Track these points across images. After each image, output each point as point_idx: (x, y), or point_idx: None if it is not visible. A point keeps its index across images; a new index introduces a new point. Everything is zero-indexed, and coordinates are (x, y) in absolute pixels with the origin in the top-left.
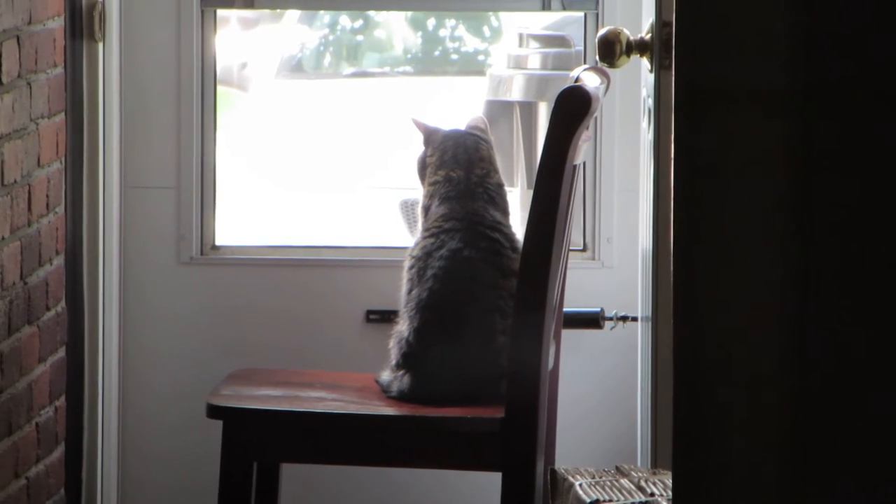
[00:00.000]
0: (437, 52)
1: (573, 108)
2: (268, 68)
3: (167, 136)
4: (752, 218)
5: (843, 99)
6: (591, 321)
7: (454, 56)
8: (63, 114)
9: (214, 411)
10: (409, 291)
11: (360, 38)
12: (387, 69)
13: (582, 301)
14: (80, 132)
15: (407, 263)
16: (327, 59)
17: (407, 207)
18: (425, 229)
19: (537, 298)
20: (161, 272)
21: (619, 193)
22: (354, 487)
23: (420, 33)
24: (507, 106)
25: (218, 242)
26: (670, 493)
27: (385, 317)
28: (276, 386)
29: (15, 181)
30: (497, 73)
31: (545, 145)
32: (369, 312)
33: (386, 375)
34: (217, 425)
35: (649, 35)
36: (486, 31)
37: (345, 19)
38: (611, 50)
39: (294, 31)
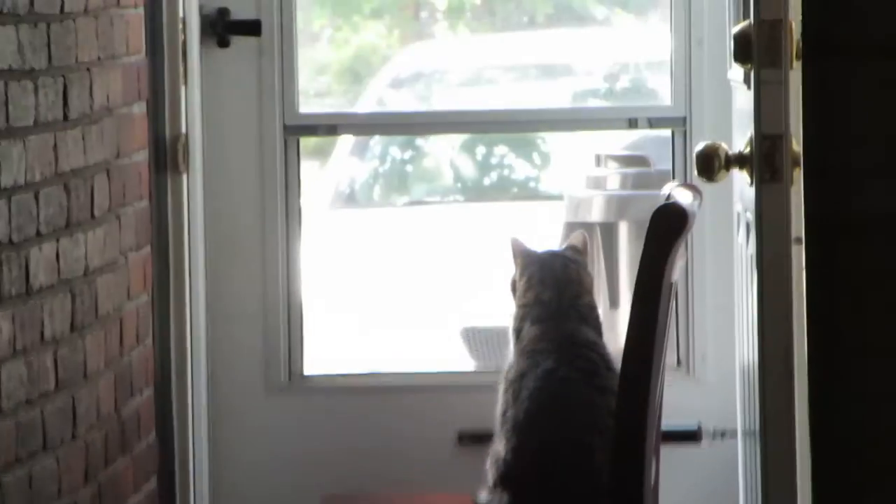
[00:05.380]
0: (487, 181)
1: (670, 225)
2: (321, 200)
3: (253, 264)
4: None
5: None
6: (688, 436)
7: (505, 183)
8: (149, 246)
9: None
10: (505, 413)
11: (409, 167)
12: (437, 198)
13: (678, 416)
14: (167, 263)
15: (502, 386)
16: (378, 189)
17: (469, 335)
18: (519, 351)
19: (638, 418)
20: (249, 400)
21: (711, 309)
22: None
23: (470, 162)
24: (587, 227)
25: (306, 372)
26: None
27: (477, 438)
28: None
29: (108, 313)
30: (575, 195)
31: (642, 263)
32: (461, 434)
33: (484, 496)
34: None
35: (748, 149)
36: (536, 157)
37: (395, 150)
38: (710, 164)
39: (346, 163)
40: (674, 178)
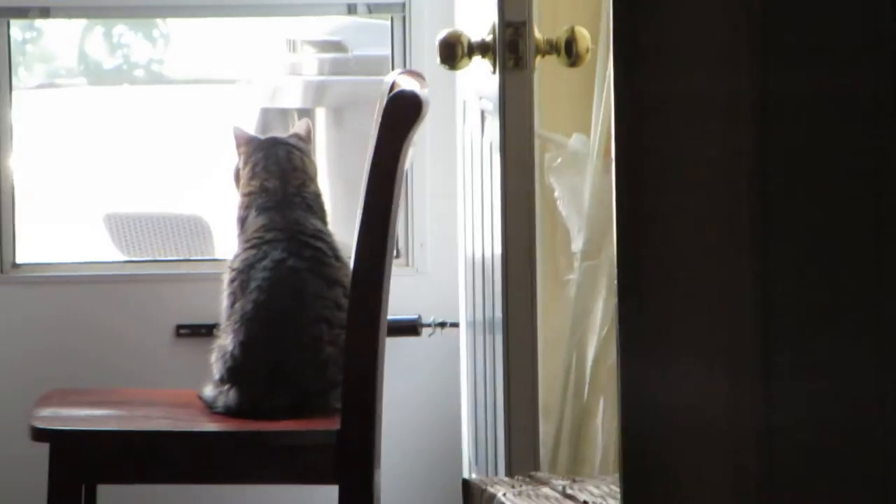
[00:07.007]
0: (111, 63)
1: (406, 113)
2: None
3: None
4: (696, 230)
5: (802, 108)
6: (409, 328)
7: (126, 65)
8: None
9: (40, 434)
10: (232, 304)
11: (31, 48)
12: (61, 80)
13: (397, 308)
14: None
15: (228, 276)
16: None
17: (111, 221)
18: (245, 240)
19: (373, 308)
20: None
21: (431, 199)
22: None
23: (95, 43)
24: (283, 113)
25: (19, 260)
26: (609, 499)
27: (195, 331)
28: (95, 405)
29: None
30: (271, 80)
31: (377, 151)
32: (179, 327)
33: (210, 391)
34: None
35: (491, 37)
36: (158, 38)
37: (16, 31)
38: (453, 52)
39: None
40: (393, 66)
